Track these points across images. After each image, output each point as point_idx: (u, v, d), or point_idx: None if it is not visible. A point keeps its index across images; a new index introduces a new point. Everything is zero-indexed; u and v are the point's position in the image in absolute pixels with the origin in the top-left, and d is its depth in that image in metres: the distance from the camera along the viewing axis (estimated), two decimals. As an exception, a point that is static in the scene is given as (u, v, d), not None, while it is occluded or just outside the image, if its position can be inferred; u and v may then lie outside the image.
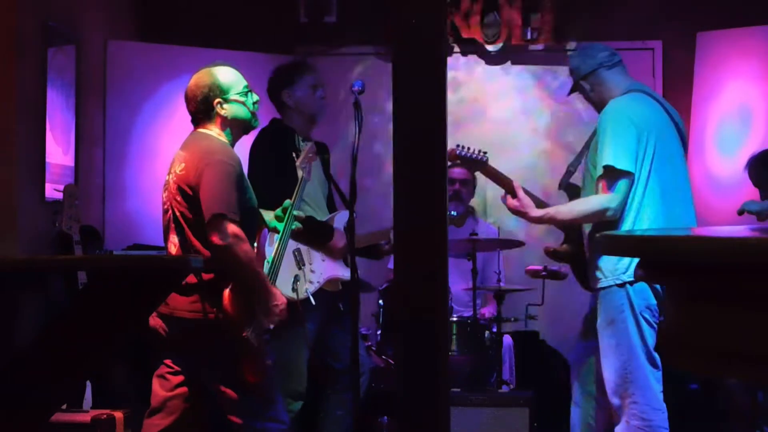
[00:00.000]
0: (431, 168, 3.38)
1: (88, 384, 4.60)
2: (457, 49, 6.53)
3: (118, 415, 4.48)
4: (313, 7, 6.48)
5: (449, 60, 5.70)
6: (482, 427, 4.92)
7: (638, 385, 3.90)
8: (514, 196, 4.11)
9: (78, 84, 5.60)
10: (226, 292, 3.56)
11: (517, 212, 4.12)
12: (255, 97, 3.78)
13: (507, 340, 5.44)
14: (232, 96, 3.71)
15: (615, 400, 3.93)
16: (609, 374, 3.93)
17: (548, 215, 4.07)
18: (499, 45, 6.40)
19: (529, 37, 6.37)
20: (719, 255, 1.51)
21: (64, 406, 4.34)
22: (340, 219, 4.54)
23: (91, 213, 5.64)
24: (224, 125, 3.72)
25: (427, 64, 3.41)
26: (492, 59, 6.56)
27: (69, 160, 5.49)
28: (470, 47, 6.49)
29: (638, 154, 3.93)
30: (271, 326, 3.77)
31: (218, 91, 3.70)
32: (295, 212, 4.02)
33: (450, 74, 3.53)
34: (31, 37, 5.08)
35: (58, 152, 5.36)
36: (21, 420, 2.44)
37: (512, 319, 5.46)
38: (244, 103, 3.73)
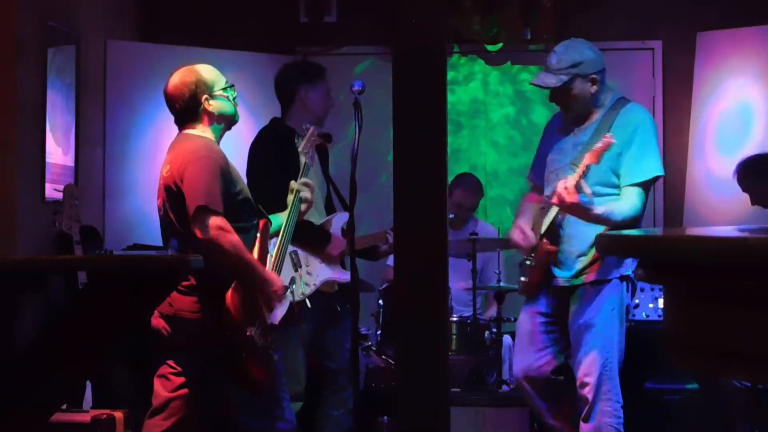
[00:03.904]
0: (431, 168, 3.38)
1: (88, 384, 4.59)
2: (457, 49, 6.53)
3: (118, 415, 4.47)
4: (313, 7, 6.47)
5: (449, 60, 5.71)
6: (482, 427, 4.92)
7: (615, 381, 3.95)
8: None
9: (78, 84, 5.59)
10: (229, 291, 3.56)
11: (574, 209, 3.88)
12: (234, 93, 3.82)
13: (507, 340, 5.44)
14: (217, 92, 3.74)
15: (589, 394, 3.94)
16: (592, 368, 3.94)
17: (605, 215, 3.89)
18: (499, 45, 6.39)
19: (529, 37, 6.37)
20: (719, 255, 1.51)
21: (64, 406, 4.34)
22: (338, 221, 4.53)
23: (91, 213, 5.63)
24: (210, 121, 3.75)
25: (427, 64, 3.41)
26: (492, 59, 6.56)
27: (69, 160, 5.48)
28: (470, 47, 6.49)
29: None
30: (276, 322, 3.76)
31: (204, 87, 3.72)
32: (302, 194, 3.99)
33: (450, 74, 3.52)
34: (31, 37, 5.08)
35: (58, 152, 5.35)
36: (21, 420, 2.44)
37: (512, 319, 5.46)
38: (228, 98, 3.76)
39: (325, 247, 4.43)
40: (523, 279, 4.23)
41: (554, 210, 4.02)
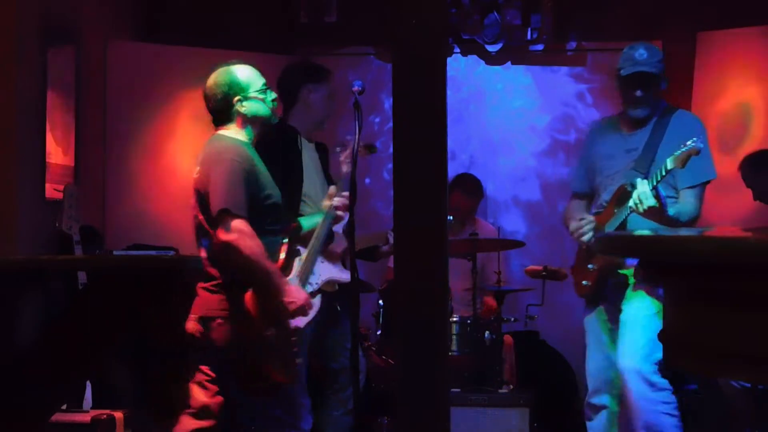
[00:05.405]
0: (431, 168, 3.38)
1: (88, 384, 4.60)
2: (457, 49, 6.53)
3: (118, 415, 4.48)
4: (313, 7, 6.47)
5: (449, 60, 5.71)
6: (482, 427, 4.92)
7: (655, 368, 4.05)
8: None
9: (78, 84, 5.59)
10: (249, 292, 3.56)
11: (651, 211, 3.97)
12: (273, 95, 3.81)
13: (507, 340, 5.44)
14: (252, 93, 3.74)
15: (633, 379, 4.01)
16: (639, 353, 4.03)
17: (675, 216, 4.06)
18: (499, 45, 6.39)
19: (529, 37, 6.37)
20: (719, 255, 1.50)
21: (64, 406, 4.34)
22: (340, 220, 4.53)
23: (91, 213, 5.63)
24: (244, 123, 3.75)
25: (427, 64, 3.41)
26: (492, 59, 6.56)
27: (69, 160, 5.48)
28: (470, 47, 6.49)
29: None
30: (302, 325, 3.75)
31: (237, 89, 3.72)
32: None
33: (450, 74, 3.52)
34: (31, 37, 5.08)
35: (58, 152, 5.35)
36: (21, 420, 2.44)
37: (512, 319, 5.46)
38: (263, 101, 3.76)
39: (328, 246, 4.43)
40: (584, 283, 4.31)
41: (623, 213, 4.10)
